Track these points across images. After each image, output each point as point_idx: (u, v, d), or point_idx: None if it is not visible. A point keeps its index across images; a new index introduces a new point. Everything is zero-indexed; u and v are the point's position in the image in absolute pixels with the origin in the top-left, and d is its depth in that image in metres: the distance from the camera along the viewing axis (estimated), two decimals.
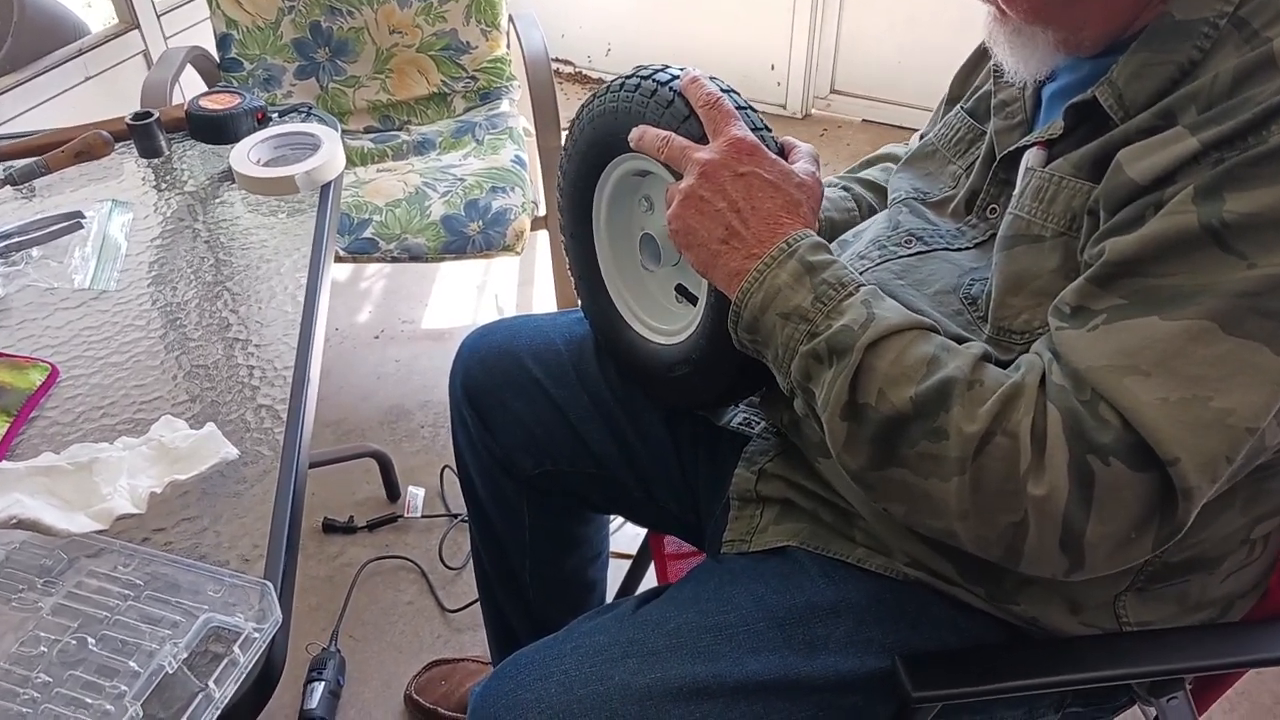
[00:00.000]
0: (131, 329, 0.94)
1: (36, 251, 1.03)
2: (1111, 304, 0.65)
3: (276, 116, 1.27)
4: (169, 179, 1.18)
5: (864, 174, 1.07)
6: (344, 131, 1.87)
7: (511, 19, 2.04)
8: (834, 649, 0.79)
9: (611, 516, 1.27)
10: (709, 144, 0.79)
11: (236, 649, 0.62)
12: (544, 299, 2.32)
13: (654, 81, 0.84)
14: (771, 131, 0.82)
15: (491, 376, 1.08)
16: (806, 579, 0.83)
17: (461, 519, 1.75)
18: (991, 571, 0.77)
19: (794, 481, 0.89)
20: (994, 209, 0.82)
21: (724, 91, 0.81)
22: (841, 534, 0.85)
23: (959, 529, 0.67)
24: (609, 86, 0.88)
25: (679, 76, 0.83)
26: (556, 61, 3.30)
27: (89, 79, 2.13)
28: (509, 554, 1.17)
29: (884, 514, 0.80)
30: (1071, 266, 0.71)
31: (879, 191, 1.04)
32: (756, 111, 0.82)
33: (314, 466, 1.73)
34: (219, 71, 1.98)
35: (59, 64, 2.07)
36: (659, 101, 0.83)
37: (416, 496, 1.82)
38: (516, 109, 2.08)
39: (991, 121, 0.84)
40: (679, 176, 0.80)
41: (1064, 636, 0.79)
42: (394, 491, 1.83)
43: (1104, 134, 0.71)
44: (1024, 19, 0.74)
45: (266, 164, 1.15)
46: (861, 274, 0.77)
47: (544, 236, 1.93)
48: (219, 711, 0.60)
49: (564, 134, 1.24)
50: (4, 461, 0.77)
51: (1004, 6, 0.74)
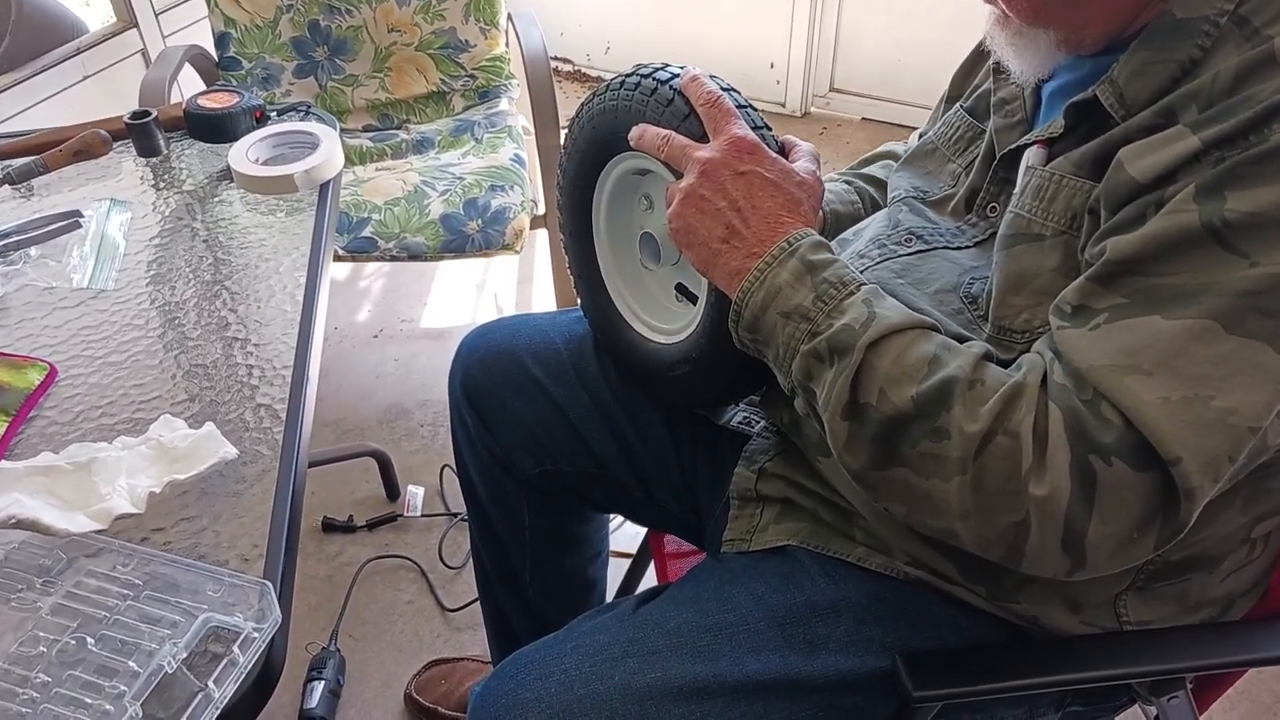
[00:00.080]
0: (130, 328, 0.94)
1: (35, 251, 1.03)
2: (1113, 303, 0.65)
3: (275, 115, 1.27)
4: (167, 178, 1.17)
5: (866, 170, 1.07)
6: (343, 130, 1.86)
7: (510, 17, 2.04)
8: (834, 648, 0.78)
9: (611, 516, 1.27)
10: (709, 143, 0.78)
11: (236, 649, 0.62)
12: (543, 298, 2.32)
13: (654, 80, 0.84)
14: (772, 130, 0.82)
15: (491, 375, 1.07)
16: (807, 578, 0.83)
17: (461, 518, 1.75)
18: (992, 570, 0.77)
19: (794, 480, 0.89)
20: (994, 208, 0.82)
21: (724, 90, 0.81)
22: (842, 533, 0.85)
23: (960, 529, 0.67)
24: (609, 85, 0.88)
25: (679, 75, 0.83)
26: (556, 60, 3.30)
27: (87, 78, 2.12)
28: (509, 553, 1.17)
29: (884, 513, 0.80)
30: (1072, 265, 0.71)
31: (881, 186, 1.03)
32: (756, 110, 0.82)
33: (313, 466, 1.73)
34: (217, 70, 1.98)
35: (57, 63, 2.07)
36: (659, 100, 0.83)
37: (416, 496, 1.81)
38: (515, 107, 2.08)
39: (991, 120, 0.84)
40: (679, 175, 0.80)
41: (1064, 636, 0.79)
42: (393, 491, 1.83)
43: (1105, 132, 0.70)
44: (1025, 21, 0.73)
45: (265, 163, 1.15)
46: (862, 273, 0.77)
47: (543, 235, 1.93)
48: (219, 711, 0.60)
49: (563, 132, 1.24)
50: (3, 461, 0.77)
51: (1005, 8, 0.74)
